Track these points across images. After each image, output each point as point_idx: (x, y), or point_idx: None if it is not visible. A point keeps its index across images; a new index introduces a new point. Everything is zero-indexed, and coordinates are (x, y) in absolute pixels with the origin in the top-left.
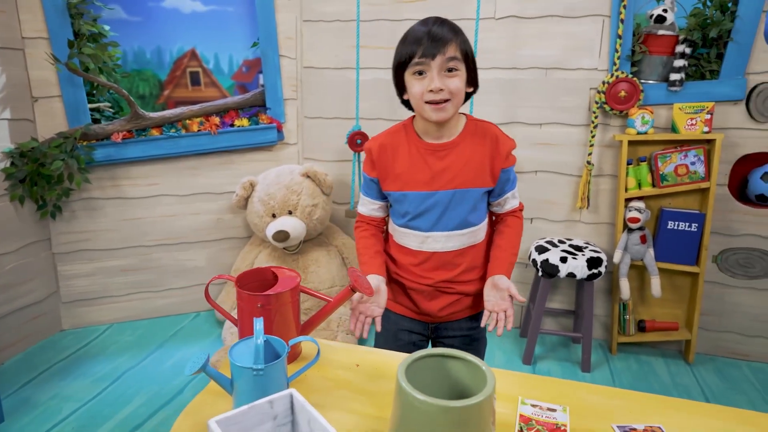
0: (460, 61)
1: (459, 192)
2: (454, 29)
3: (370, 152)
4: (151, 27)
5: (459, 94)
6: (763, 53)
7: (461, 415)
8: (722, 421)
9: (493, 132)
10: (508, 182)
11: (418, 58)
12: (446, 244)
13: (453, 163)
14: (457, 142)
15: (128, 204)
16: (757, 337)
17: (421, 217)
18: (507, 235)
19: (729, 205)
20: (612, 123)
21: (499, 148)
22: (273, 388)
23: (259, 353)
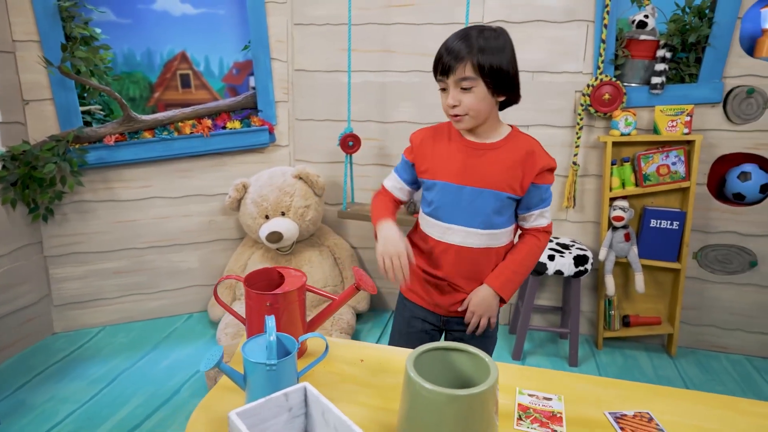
0: (475, 79)
1: (486, 191)
2: (470, 45)
3: (412, 141)
4: (141, 29)
5: (474, 109)
6: (739, 58)
7: (467, 404)
8: (704, 405)
9: (531, 145)
10: (538, 199)
11: (438, 76)
12: (466, 239)
13: (487, 162)
14: (497, 145)
15: (120, 206)
16: (735, 330)
17: (445, 207)
18: (518, 251)
19: (708, 204)
20: (596, 125)
21: (534, 161)
22: (285, 383)
23: (271, 349)
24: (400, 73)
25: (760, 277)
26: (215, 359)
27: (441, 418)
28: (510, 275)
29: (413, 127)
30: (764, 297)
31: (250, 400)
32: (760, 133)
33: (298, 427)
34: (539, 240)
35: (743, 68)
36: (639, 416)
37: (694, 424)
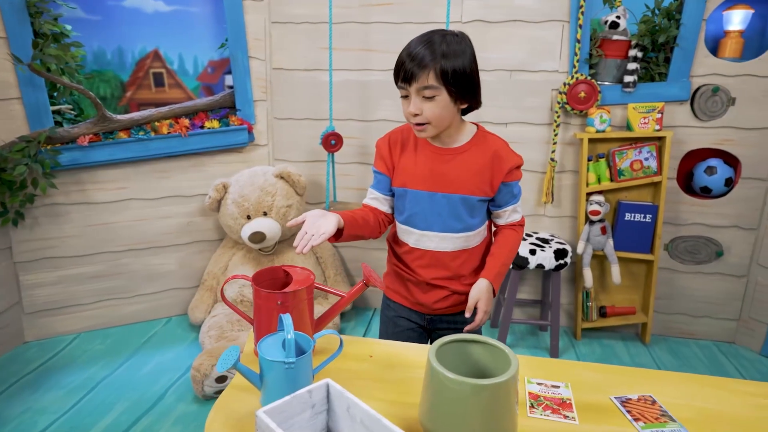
0: (437, 87)
1: (456, 197)
2: (432, 55)
3: (379, 148)
4: (112, 27)
5: (437, 119)
6: (704, 58)
7: (492, 393)
8: (698, 386)
9: (498, 146)
10: (510, 196)
11: (400, 83)
12: (440, 244)
13: (455, 168)
14: (463, 149)
15: (95, 209)
16: (703, 318)
17: (418, 215)
18: (501, 246)
19: (677, 197)
20: (572, 122)
21: (501, 162)
22: (301, 381)
23: (290, 347)
24: (381, 72)
25: (725, 266)
26: (232, 360)
27: (466, 409)
28: (500, 268)
29: (395, 125)
30: (729, 285)
31: (266, 399)
32: (724, 129)
33: (320, 424)
34: (517, 233)
35: (708, 68)
36: (643, 399)
37: (692, 404)
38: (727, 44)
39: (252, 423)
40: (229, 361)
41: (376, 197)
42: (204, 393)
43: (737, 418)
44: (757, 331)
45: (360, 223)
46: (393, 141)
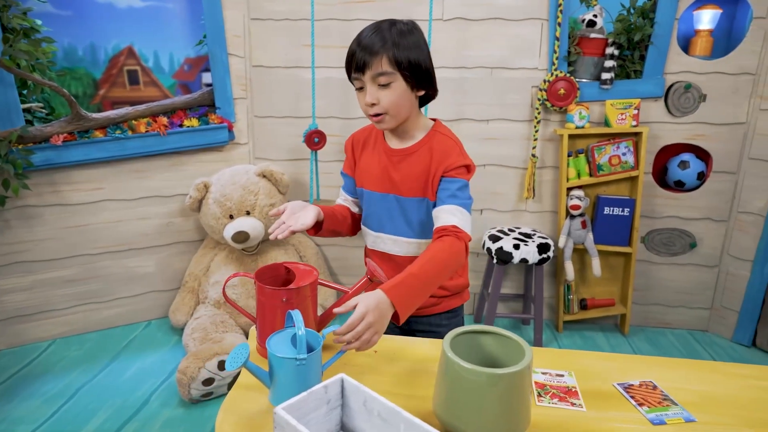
0: (392, 73)
1: (405, 200)
2: (385, 39)
3: (345, 149)
4: (83, 22)
5: (395, 107)
6: (677, 56)
7: (508, 382)
8: (694, 371)
9: (447, 147)
10: (448, 194)
11: (353, 73)
12: (392, 248)
13: (404, 169)
14: (413, 149)
15: (69, 211)
16: (678, 307)
17: (372, 216)
18: (419, 258)
19: (653, 191)
20: (552, 118)
21: (444, 159)
22: (312, 377)
23: (301, 344)
24: None
25: (699, 257)
26: (242, 359)
27: (483, 398)
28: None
29: None
30: (702, 275)
31: (276, 396)
32: (696, 124)
33: (335, 419)
34: (445, 242)
35: (681, 65)
36: (644, 385)
37: (691, 388)
38: (697, 43)
39: (262, 421)
40: (239, 359)
41: (345, 198)
42: (191, 396)
43: (734, 399)
44: (728, 318)
45: (339, 219)
46: (356, 141)
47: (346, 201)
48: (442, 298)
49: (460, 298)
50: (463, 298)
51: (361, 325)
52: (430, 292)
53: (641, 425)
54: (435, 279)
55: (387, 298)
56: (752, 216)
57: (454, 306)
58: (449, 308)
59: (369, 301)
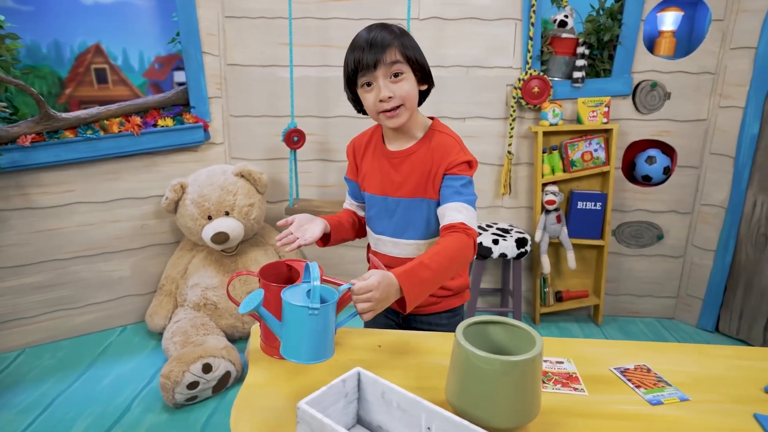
0: (404, 64)
1: (405, 201)
2: (393, 32)
3: (347, 155)
4: (46, 18)
5: (410, 98)
6: (643, 55)
7: (521, 369)
8: (682, 354)
9: (448, 144)
10: (452, 190)
11: (362, 70)
12: (393, 250)
13: (405, 172)
14: (412, 150)
15: (38, 214)
16: (647, 297)
17: (374, 218)
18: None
19: (623, 186)
20: (527, 116)
21: (445, 156)
22: (324, 332)
23: (315, 294)
24: (340, 68)
25: (665, 248)
26: (255, 303)
27: (497, 386)
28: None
29: (354, 121)
30: (669, 265)
31: (287, 348)
32: (662, 121)
33: (351, 413)
34: (454, 238)
35: (647, 64)
36: (639, 368)
37: (681, 370)
38: (661, 43)
39: (278, 417)
40: (251, 303)
41: (351, 203)
42: (175, 401)
43: (721, 378)
44: (693, 306)
45: (346, 227)
46: (357, 146)
47: (351, 206)
48: (443, 298)
49: (460, 298)
50: (463, 298)
51: (369, 294)
52: (437, 286)
53: (641, 406)
54: (444, 272)
55: (397, 283)
56: (714, 208)
57: (454, 306)
58: (449, 308)
59: (381, 278)
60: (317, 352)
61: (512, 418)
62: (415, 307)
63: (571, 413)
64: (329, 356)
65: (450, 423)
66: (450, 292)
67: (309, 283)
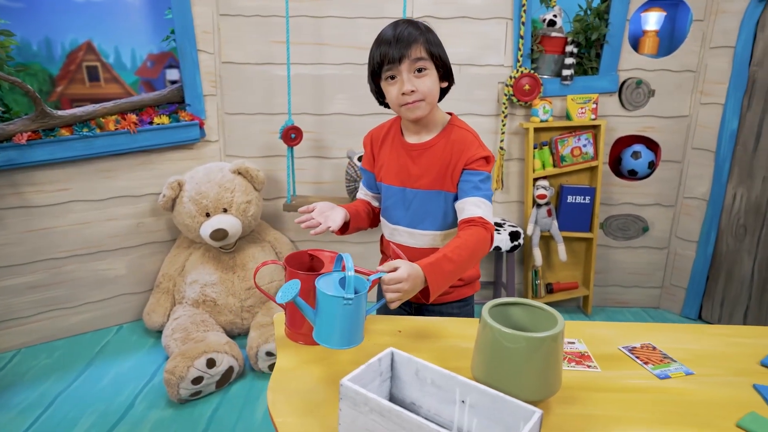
0: (428, 61)
1: (423, 193)
2: (419, 29)
3: (364, 146)
4: (37, 15)
5: (431, 93)
6: (628, 54)
7: (546, 345)
8: (683, 333)
9: (467, 140)
10: (470, 185)
11: (387, 64)
12: (408, 240)
13: (423, 163)
14: (431, 143)
15: (33, 213)
16: (633, 287)
17: (390, 209)
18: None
19: (610, 180)
20: (518, 113)
21: (464, 151)
22: (357, 319)
23: (349, 285)
24: (334, 66)
25: (651, 240)
26: (292, 293)
27: (522, 361)
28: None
29: (350, 119)
30: (654, 257)
31: (320, 334)
32: (646, 118)
33: (385, 391)
34: (474, 230)
35: (632, 63)
36: (645, 347)
37: (684, 347)
38: (645, 42)
39: (312, 395)
40: (289, 293)
41: (366, 193)
42: (179, 396)
43: (720, 354)
44: (677, 295)
45: (362, 216)
46: (375, 138)
47: (366, 196)
48: (455, 287)
49: (471, 288)
50: (474, 288)
51: (400, 285)
52: (458, 277)
53: (650, 380)
54: (465, 264)
55: (423, 275)
56: (696, 201)
57: (465, 295)
58: (461, 297)
59: (410, 269)
60: (350, 338)
61: (538, 391)
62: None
63: (588, 388)
64: (360, 342)
65: (485, 395)
66: (462, 282)
67: (339, 272)
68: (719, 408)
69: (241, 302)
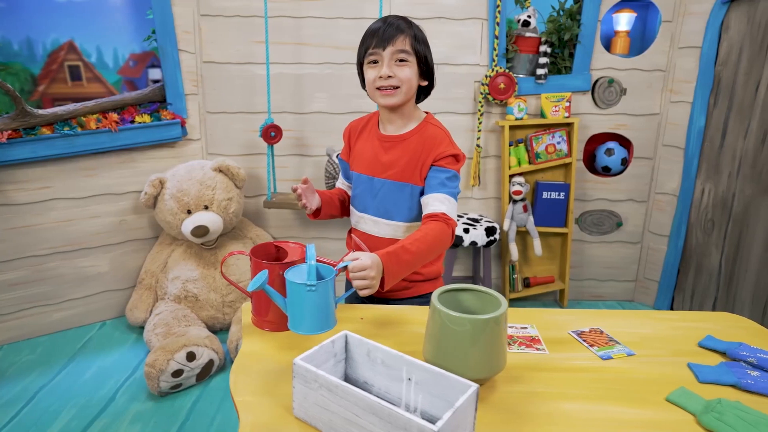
0: (411, 54)
1: (390, 183)
2: (409, 24)
3: (344, 137)
4: (18, 14)
5: (408, 83)
6: (600, 54)
7: (488, 326)
8: (632, 319)
9: (438, 137)
10: (437, 182)
11: (372, 49)
12: (373, 228)
13: (394, 155)
14: (405, 137)
15: (14, 211)
16: (608, 281)
17: (359, 197)
18: (411, 236)
19: (584, 176)
20: (494, 111)
21: (434, 147)
22: (325, 306)
23: (311, 272)
24: (314, 65)
25: (624, 234)
26: (261, 280)
27: (468, 342)
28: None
29: (329, 117)
30: (628, 251)
31: (293, 322)
32: (619, 116)
33: (340, 371)
34: (435, 225)
35: (604, 62)
36: (594, 331)
37: (631, 331)
38: (617, 42)
39: (273, 377)
40: (258, 281)
41: (342, 182)
42: (159, 389)
43: (664, 337)
44: (650, 288)
45: (336, 203)
46: (353, 129)
47: (343, 185)
48: (416, 283)
49: (433, 285)
50: (435, 284)
51: (365, 272)
52: (415, 269)
53: (593, 361)
54: (423, 256)
55: (381, 262)
56: (667, 196)
57: (426, 291)
58: (422, 293)
59: (372, 258)
60: (320, 324)
61: (483, 369)
62: (391, 287)
63: (533, 368)
64: (331, 327)
65: (427, 372)
66: (423, 277)
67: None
68: (653, 385)
69: (223, 297)
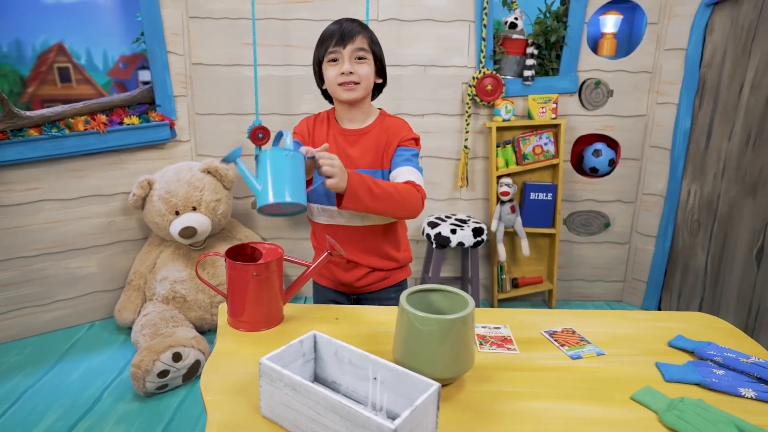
0: (368, 52)
1: (364, 172)
2: (363, 26)
3: (300, 130)
4: (7, 16)
5: (367, 79)
6: (587, 55)
7: (455, 326)
8: (606, 318)
9: (398, 124)
10: (403, 158)
11: (333, 47)
12: (351, 220)
13: (361, 147)
14: (367, 129)
15: (3, 212)
16: (596, 281)
17: (330, 192)
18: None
19: (572, 177)
20: (481, 112)
21: (397, 133)
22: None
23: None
24: (302, 67)
25: (612, 235)
26: (236, 155)
27: (434, 341)
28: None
29: None
30: (616, 251)
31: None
32: (606, 117)
33: (309, 371)
34: (408, 186)
35: (591, 64)
36: (566, 331)
37: (603, 331)
38: (603, 44)
39: (242, 378)
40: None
41: None
42: (145, 390)
43: (635, 336)
44: (638, 288)
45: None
46: (309, 120)
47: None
48: (390, 271)
49: (405, 272)
50: (407, 272)
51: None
52: (378, 206)
53: (563, 360)
54: (389, 199)
55: (347, 173)
56: (654, 197)
57: (400, 279)
58: (396, 281)
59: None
60: (295, 191)
61: (451, 369)
62: (349, 207)
63: (503, 368)
64: (304, 203)
65: (392, 371)
66: (396, 264)
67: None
68: (620, 384)
69: (211, 298)
